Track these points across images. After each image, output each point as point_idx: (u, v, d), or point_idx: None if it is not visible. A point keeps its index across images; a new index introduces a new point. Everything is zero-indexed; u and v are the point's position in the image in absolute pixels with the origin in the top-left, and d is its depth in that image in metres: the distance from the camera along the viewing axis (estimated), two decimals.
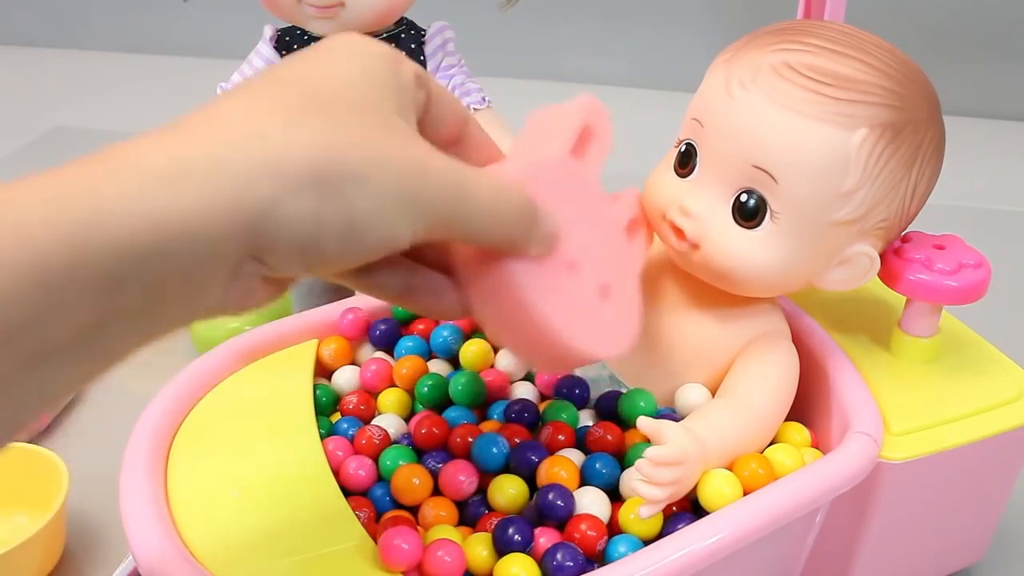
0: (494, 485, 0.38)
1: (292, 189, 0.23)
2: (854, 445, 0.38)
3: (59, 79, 1.16)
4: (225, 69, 0.57)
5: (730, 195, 0.38)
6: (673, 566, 0.33)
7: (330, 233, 0.24)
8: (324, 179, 0.23)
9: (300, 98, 0.25)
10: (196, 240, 0.22)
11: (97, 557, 0.48)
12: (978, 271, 0.41)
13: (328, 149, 0.24)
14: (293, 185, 0.23)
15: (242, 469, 0.37)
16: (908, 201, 0.39)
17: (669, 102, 0.67)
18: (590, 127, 0.35)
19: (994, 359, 0.44)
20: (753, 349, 0.41)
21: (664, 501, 0.35)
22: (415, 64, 0.29)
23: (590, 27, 1.15)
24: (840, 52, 0.37)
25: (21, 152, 0.95)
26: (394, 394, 0.43)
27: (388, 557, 0.33)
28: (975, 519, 0.45)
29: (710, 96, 0.39)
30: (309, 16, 0.52)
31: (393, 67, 0.27)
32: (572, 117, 0.34)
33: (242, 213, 0.23)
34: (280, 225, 0.23)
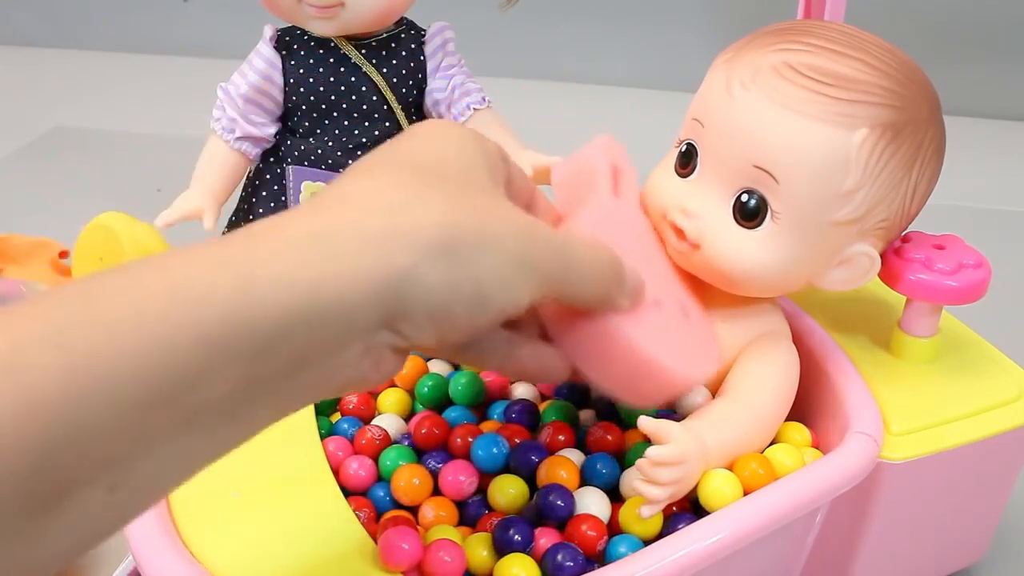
0: (494, 485, 0.38)
1: (426, 257, 0.24)
2: (854, 445, 0.38)
3: (59, 79, 1.16)
4: (225, 69, 0.57)
5: (731, 195, 0.38)
6: (673, 566, 0.33)
7: (461, 298, 0.25)
8: (454, 246, 0.25)
9: (417, 175, 0.26)
10: (341, 308, 0.23)
11: (97, 557, 0.48)
12: (978, 271, 0.41)
13: (453, 217, 0.25)
14: (427, 253, 0.24)
15: (242, 469, 0.37)
16: (908, 201, 0.39)
17: (669, 102, 0.67)
18: (617, 167, 0.37)
19: (994, 359, 0.44)
20: (753, 349, 0.41)
21: (665, 501, 0.35)
22: (494, 141, 0.31)
23: (590, 27, 1.15)
24: (840, 52, 0.37)
25: (21, 152, 0.95)
26: (394, 394, 0.43)
27: (388, 557, 0.33)
28: (975, 519, 0.45)
29: (710, 96, 0.39)
30: (309, 16, 0.52)
31: (482, 144, 0.30)
32: (600, 161, 0.36)
33: (383, 280, 0.24)
34: (416, 292, 0.24)
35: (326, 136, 0.55)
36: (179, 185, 0.55)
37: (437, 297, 0.25)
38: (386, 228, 0.24)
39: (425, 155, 0.28)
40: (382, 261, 0.24)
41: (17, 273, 0.67)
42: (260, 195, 0.57)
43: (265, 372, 0.23)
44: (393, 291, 0.24)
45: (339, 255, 0.24)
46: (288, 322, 0.23)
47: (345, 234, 0.24)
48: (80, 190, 0.86)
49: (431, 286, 0.25)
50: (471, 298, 0.25)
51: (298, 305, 0.23)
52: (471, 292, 0.25)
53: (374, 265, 0.24)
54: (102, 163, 0.92)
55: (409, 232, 0.24)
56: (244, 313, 0.22)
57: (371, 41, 0.55)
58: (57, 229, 0.71)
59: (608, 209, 0.35)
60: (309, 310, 0.23)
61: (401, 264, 0.24)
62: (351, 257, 0.24)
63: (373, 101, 0.55)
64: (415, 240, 0.24)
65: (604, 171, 0.36)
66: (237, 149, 0.55)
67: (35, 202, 0.84)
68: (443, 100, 0.56)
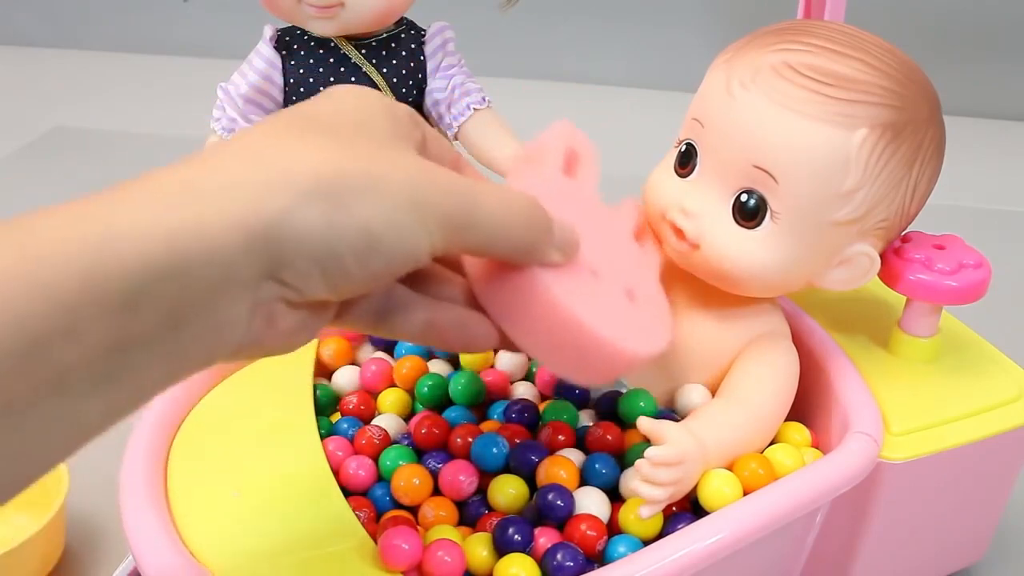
0: (494, 485, 0.38)
1: (301, 199, 0.23)
2: (854, 445, 0.38)
3: (59, 79, 1.16)
4: (225, 69, 0.57)
5: (730, 195, 0.38)
6: (673, 566, 0.33)
7: (347, 242, 0.24)
8: (333, 189, 0.24)
9: (303, 125, 0.26)
10: (210, 257, 0.22)
11: (97, 557, 0.48)
12: (978, 271, 0.41)
13: (335, 162, 0.24)
14: (302, 195, 0.23)
15: (242, 469, 0.37)
16: (908, 201, 0.39)
17: (669, 102, 0.67)
18: (574, 150, 0.35)
19: (994, 359, 0.44)
20: (753, 349, 0.41)
21: (664, 501, 0.35)
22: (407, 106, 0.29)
23: (590, 27, 1.15)
24: (840, 52, 0.37)
25: (21, 152, 0.95)
26: (394, 394, 0.43)
27: (388, 557, 0.33)
28: (975, 519, 0.45)
29: (710, 96, 0.39)
30: (309, 16, 0.52)
31: (388, 105, 0.28)
32: (553, 143, 0.35)
33: (254, 226, 0.23)
34: (293, 236, 0.23)
35: None
36: None
37: (318, 241, 0.23)
38: (258, 171, 0.23)
39: (319, 111, 0.27)
40: (252, 205, 0.23)
41: None
42: None
43: (135, 330, 0.21)
44: (268, 237, 0.23)
45: (204, 201, 0.22)
46: (151, 274, 0.21)
47: (213, 180, 0.23)
48: (80, 190, 0.85)
49: (309, 229, 0.23)
50: (359, 242, 0.24)
51: (160, 254, 0.21)
52: (358, 236, 0.24)
53: (243, 210, 0.22)
54: (102, 163, 0.92)
55: (283, 174, 0.23)
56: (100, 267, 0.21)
57: (371, 41, 0.55)
58: None
59: (551, 181, 0.33)
60: (173, 260, 0.21)
61: (274, 207, 0.23)
62: (217, 202, 0.22)
63: None
64: (289, 182, 0.23)
65: (554, 153, 0.34)
66: None
67: (35, 202, 0.82)
68: (443, 100, 0.56)
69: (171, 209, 0.22)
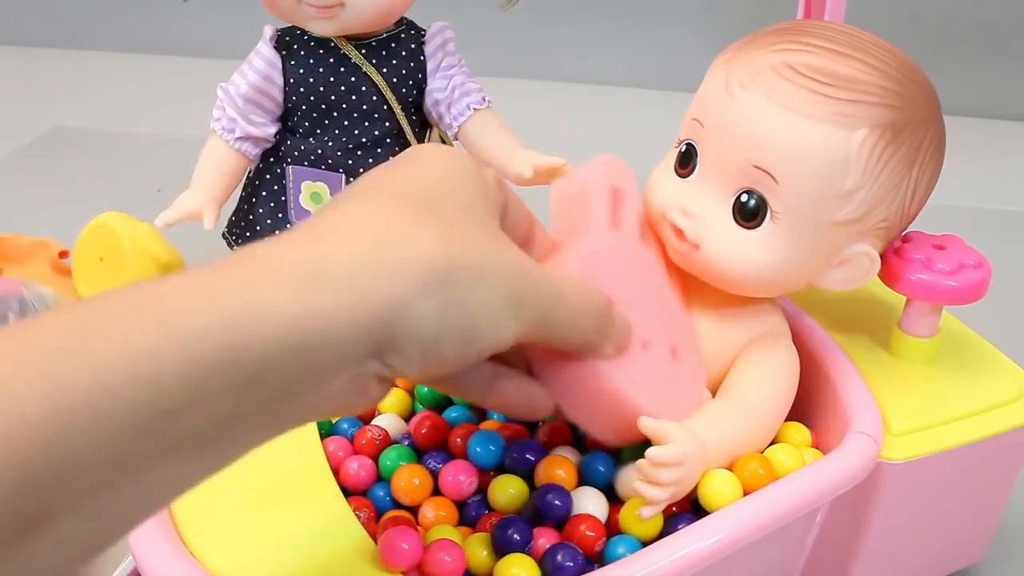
0: (494, 485, 0.38)
1: (421, 290, 0.24)
2: (854, 445, 0.38)
3: (59, 79, 1.16)
4: (225, 69, 0.57)
5: (730, 195, 0.38)
6: (673, 566, 0.33)
7: (452, 333, 0.25)
8: (449, 280, 0.25)
9: (411, 201, 0.26)
10: (333, 340, 0.23)
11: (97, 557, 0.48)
12: (978, 271, 0.41)
13: (448, 249, 0.25)
14: (421, 286, 0.24)
15: (242, 469, 0.37)
16: (908, 201, 0.39)
17: (669, 102, 0.67)
18: (618, 189, 0.36)
19: (994, 359, 0.44)
20: (753, 349, 0.41)
21: (665, 501, 0.35)
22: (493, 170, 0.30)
23: (590, 27, 1.15)
24: (840, 52, 0.37)
25: (21, 152, 0.95)
26: (394, 394, 0.43)
27: (388, 557, 0.33)
28: (975, 519, 0.45)
29: (710, 96, 0.39)
30: (309, 16, 0.52)
31: (479, 172, 0.29)
32: (600, 185, 0.35)
33: (375, 314, 0.24)
34: (408, 325, 0.24)
35: (326, 136, 0.55)
36: (179, 185, 0.55)
37: (429, 331, 0.25)
38: (379, 259, 0.24)
39: (420, 181, 0.27)
40: (374, 294, 0.24)
41: (17, 273, 0.66)
42: (260, 195, 0.57)
43: (251, 403, 0.23)
44: (385, 324, 0.24)
45: (330, 287, 0.23)
46: (277, 356, 0.22)
47: (337, 264, 0.24)
48: (80, 190, 0.86)
49: (423, 320, 0.24)
50: (462, 333, 0.25)
51: (287, 339, 0.22)
52: (462, 327, 0.25)
53: (366, 298, 0.23)
54: (102, 163, 0.92)
55: (403, 263, 0.24)
56: (234, 349, 0.22)
57: (371, 41, 0.55)
58: (57, 229, 0.71)
59: (604, 244, 0.34)
60: (298, 344, 0.22)
61: (394, 297, 0.24)
62: (343, 290, 0.23)
63: (373, 101, 0.54)
64: (408, 272, 0.24)
65: (602, 198, 0.34)
66: (237, 149, 0.55)
67: (35, 202, 0.84)
68: (443, 100, 0.56)
69: (302, 292, 0.23)
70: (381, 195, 0.26)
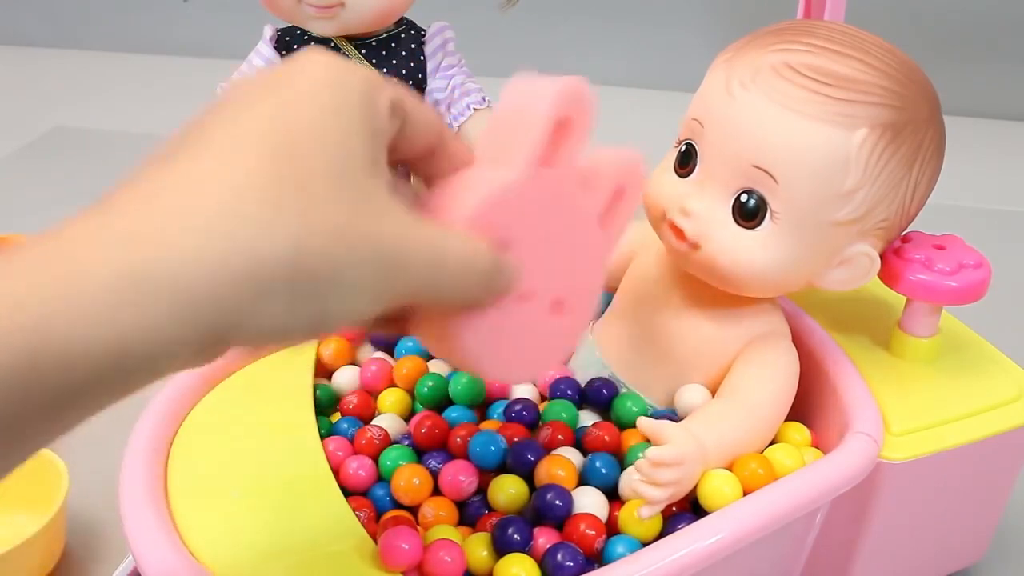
0: (494, 485, 0.38)
1: (265, 294, 0.22)
2: (854, 445, 0.38)
3: (59, 79, 1.16)
4: (225, 69, 0.57)
5: (730, 195, 0.38)
6: (673, 566, 0.33)
7: (300, 325, 0.23)
8: (299, 280, 0.22)
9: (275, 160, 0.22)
10: (154, 353, 0.21)
11: (97, 557, 0.48)
12: (978, 271, 0.41)
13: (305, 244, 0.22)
14: (267, 290, 0.22)
15: (242, 469, 0.37)
16: (908, 201, 0.39)
17: (669, 102, 0.67)
18: (566, 120, 0.32)
19: (994, 359, 0.44)
20: (753, 349, 0.41)
21: (664, 502, 0.35)
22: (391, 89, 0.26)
23: (590, 27, 1.14)
24: (840, 52, 0.37)
25: (21, 152, 0.95)
26: (394, 394, 0.43)
27: (388, 557, 0.33)
28: (975, 519, 0.45)
29: (710, 96, 0.39)
30: (309, 16, 0.52)
31: (369, 102, 0.25)
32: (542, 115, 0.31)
33: (207, 324, 0.21)
34: (248, 326, 0.22)
35: None
36: None
37: (272, 328, 0.22)
38: (216, 258, 0.21)
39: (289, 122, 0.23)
40: (207, 304, 0.21)
41: None
42: None
43: (68, 413, 0.21)
44: (221, 331, 0.22)
45: (152, 301, 0.20)
46: (89, 375, 0.20)
47: (161, 273, 0.20)
48: (80, 190, 0.86)
49: (266, 319, 0.22)
50: (312, 323, 0.23)
51: (101, 362, 0.20)
52: (312, 318, 0.23)
53: (196, 311, 0.21)
54: (102, 163, 0.92)
55: (245, 265, 0.21)
56: (40, 364, 0.19)
57: (371, 41, 0.55)
58: None
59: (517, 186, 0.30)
60: (114, 364, 0.20)
61: (231, 307, 0.21)
62: (167, 303, 0.20)
63: None
64: (253, 276, 0.21)
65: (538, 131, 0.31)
66: None
67: (35, 202, 0.84)
68: (443, 100, 0.56)
69: (116, 310, 0.20)
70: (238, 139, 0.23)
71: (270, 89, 0.24)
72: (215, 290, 0.21)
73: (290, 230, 0.22)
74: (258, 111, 0.24)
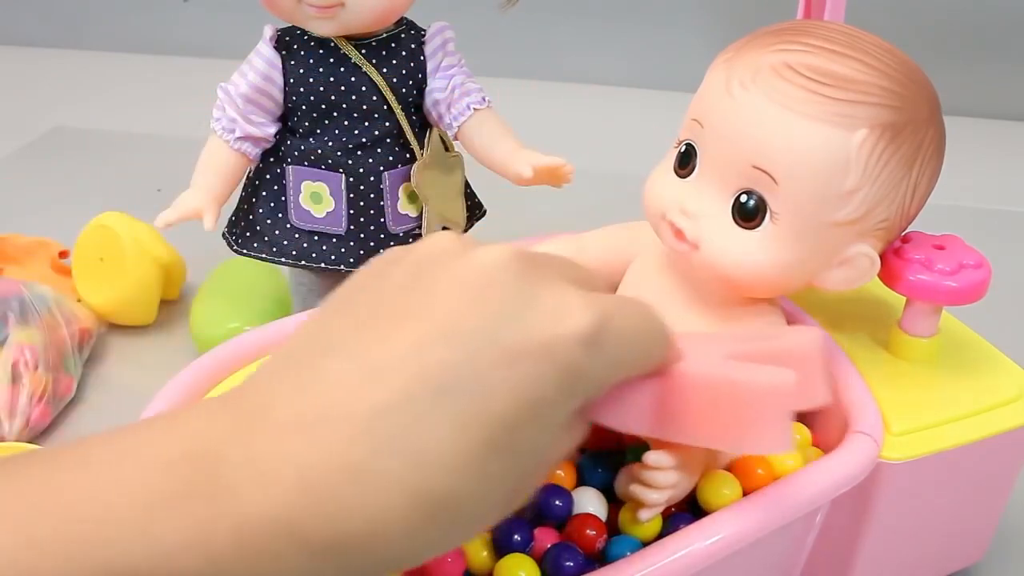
0: None
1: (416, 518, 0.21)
2: (854, 445, 0.38)
3: (59, 79, 1.16)
4: (225, 69, 0.57)
5: (730, 195, 0.38)
6: (673, 566, 0.33)
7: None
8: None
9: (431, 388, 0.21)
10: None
11: None
12: (978, 271, 0.41)
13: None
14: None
15: None
16: (908, 201, 0.39)
17: (669, 102, 0.67)
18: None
19: (994, 359, 0.44)
20: None
21: (663, 505, 0.35)
22: (584, 333, 0.24)
23: (590, 27, 1.15)
24: (840, 52, 0.37)
25: (21, 152, 0.95)
26: None
27: None
28: (975, 519, 0.45)
29: (710, 96, 0.39)
30: (309, 16, 0.52)
31: (566, 387, 0.23)
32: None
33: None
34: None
35: (326, 136, 0.55)
36: (179, 185, 0.55)
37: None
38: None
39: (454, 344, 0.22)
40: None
41: (17, 273, 0.67)
42: (260, 195, 0.57)
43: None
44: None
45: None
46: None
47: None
48: (80, 190, 0.86)
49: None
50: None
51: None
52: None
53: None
54: (102, 163, 0.92)
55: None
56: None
57: (371, 41, 0.55)
58: (57, 229, 0.71)
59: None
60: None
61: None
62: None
63: (373, 101, 0.54)
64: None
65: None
66: (237, 149, 0.55)
67: (35, 202, 0.84)
68: (443, 100, 0.56)
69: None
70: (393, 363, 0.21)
71: (427, 275, 0.24)
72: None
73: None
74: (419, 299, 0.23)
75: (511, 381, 0.22)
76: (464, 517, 0.22)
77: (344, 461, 0.20)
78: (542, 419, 0.23)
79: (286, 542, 0.20)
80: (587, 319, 0.23)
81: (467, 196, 0.60)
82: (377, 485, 0.20)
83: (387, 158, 0.55)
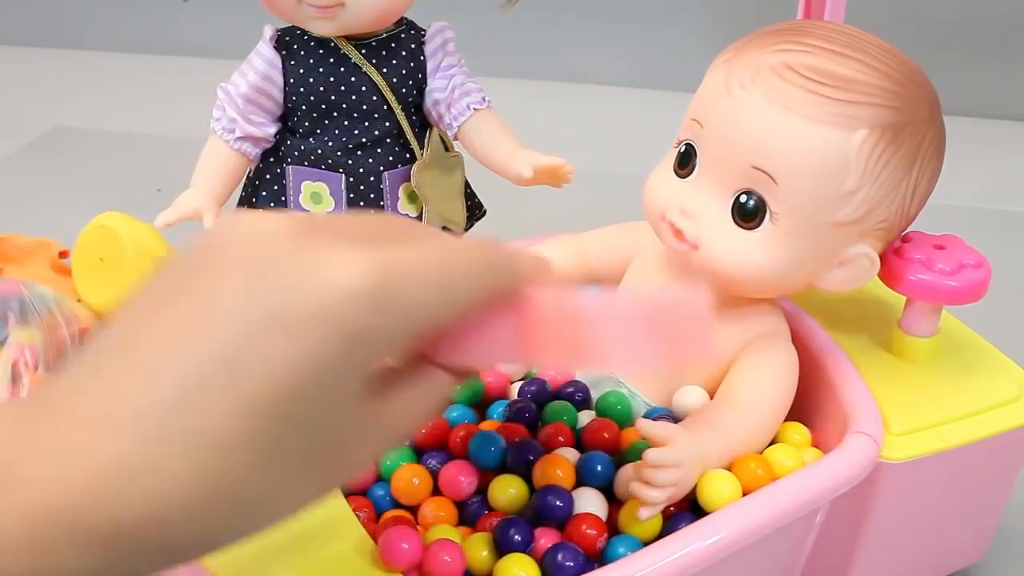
0: (494, 485, 0.38)
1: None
2: (854, 445, 0.38)
3: (59, 79, 1.16)
4: (225, 69, 0.57)
5: (729, 196, 0.38)
6: (673, 566, 0.33)
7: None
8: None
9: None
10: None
11: None
12: (978, 271, 0.41)
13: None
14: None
15: None
16: (908, 201, 0.39)
17: (669, 102, 0.67)
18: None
19: (994, 359, 0.44)
20: (752, 350, 0.41)
21: (663, 503, 0.35)
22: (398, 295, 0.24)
23: (590, 27, 1.14)
24: (840, 53, 0.37)
25: (21, 152, 0.95)
26: None
27: (388, 557, 0.33)
28: (975, 519, 0.45)
29: (710, 96, 0.39)
30: (309, 16, 0.52)
31: (346, 353, 0.23)
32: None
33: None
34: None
35: (326, 136, 0.55)
36: (179, 185, 0.55)
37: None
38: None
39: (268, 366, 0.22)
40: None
41: (17, 273, 0.66)
42: (260, 195, 0.57)
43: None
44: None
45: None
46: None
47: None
48: (80, 190, 0.86)
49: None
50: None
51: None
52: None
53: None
54: (102, 163, 0.92)
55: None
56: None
57: (371, 41, 0.55)
58: (57, 229, 0.71)
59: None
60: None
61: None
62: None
63: (373, 101, 0.54)
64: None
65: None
66: (237, 149, 0.55)
67: (35, 202, 0.84)
68: (443, 100, 0.56)
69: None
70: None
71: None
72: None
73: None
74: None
75: (290, 351, 0.22)
76: (256, 497, 0.23)
77: (125, 453, 0.21)
78: (330, 386, 0.23)
79: (73, 534, 0.20)
80: (361, 277, 0.22)
81: (467, 196, 0.60)
82: (157, 475, 0.21)
83: (387, 158, 0.55)
